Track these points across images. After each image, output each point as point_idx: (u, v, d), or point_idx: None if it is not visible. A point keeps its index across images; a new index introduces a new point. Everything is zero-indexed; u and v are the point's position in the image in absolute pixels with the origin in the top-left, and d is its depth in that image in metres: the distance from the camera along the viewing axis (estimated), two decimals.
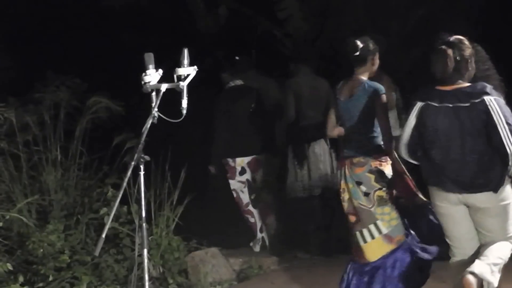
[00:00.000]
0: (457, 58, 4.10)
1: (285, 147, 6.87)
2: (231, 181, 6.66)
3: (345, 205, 4.74)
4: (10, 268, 5.10)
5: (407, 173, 4.70)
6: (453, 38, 4.18)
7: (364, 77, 4.76)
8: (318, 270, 6.10)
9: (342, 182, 4.74)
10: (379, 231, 4.62)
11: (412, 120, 4.20)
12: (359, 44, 4.73)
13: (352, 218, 4.70)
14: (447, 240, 4.36)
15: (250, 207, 6.68)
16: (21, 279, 5.17)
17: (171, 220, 6.05)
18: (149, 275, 3.97)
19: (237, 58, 6.68)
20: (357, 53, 4.71)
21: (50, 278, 5.27)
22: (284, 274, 6.13)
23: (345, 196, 4.74)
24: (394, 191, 4.62)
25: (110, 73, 8.74)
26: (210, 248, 6.27)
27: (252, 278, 6.07)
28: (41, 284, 5.28)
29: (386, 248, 4.62)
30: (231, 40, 9.61)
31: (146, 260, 3.64)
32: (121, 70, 7.85)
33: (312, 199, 6.69)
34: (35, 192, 6.03)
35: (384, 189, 4.61)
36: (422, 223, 4.65)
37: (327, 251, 6.48)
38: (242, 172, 6.61)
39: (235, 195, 6.71)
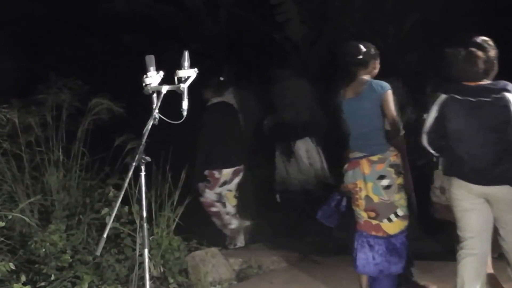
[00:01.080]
0: (485, 59, 4.27)
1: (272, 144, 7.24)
2: (208, 191, 6.71)
3: (362, 202, 4.90)
4: (13, 267, 5.08)
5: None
6: (480, 39, 4.34)
7: (367, 78, 4.90)
8: (317, 270, 6.14)
9: (358, 181, 4.89)
10: (397, 216, 4.89)
11: (434, 111, 4.36)
12: (362, 48, 4.90)
13: (372, 214, 4.89)
14: (458, 232, 4.47)
15: (215, 208, 6.76)
16: (23, 278, 5.17)
17: (171, 220, 6.08)
18: (150, 275, 4.03)
19: (221, 78, 6.82)
20: (360, 57, 4.89)
21: (52, 278, 5.29)
22: (283, 274, 6.16)
23: (362, 194, 4.89)
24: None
25: (112, 75, 8.79)
26: (210, 248, 6.31)
27: (251, 278, 6.10)
28: (43, 284, 5.29)
29: (402, 224, 4.92)
30: (231, 43, 9.67)
31: (147, 260, 3.68)
32: (123, 72, 7.90)
33: (302, 194, 7.01)
34: (37, 192, 6.06)
35: (401, 176, 4.88)
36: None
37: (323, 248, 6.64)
38: (223, 184, 6.73)
39: (203, 199, 6.74)
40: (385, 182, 4.82)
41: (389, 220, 4.87)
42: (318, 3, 8.94)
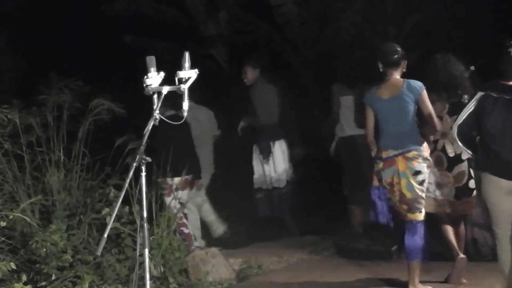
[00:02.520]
0: None
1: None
2: (167, 198, 6.68)
3: (397, 196, 5.13)
4: (14, 267, 5.07)
5: None
6: None
7: (399, 77, 5.12)
8: (317, 270, 6.16)
9: (395, 176, 5.09)
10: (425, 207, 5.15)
11: (471, 106, 4.50)
12: (398, 48, 5.17)
13: (404, 207, 5.13)
14: (492, 225, 4.55)
15: (184, 220, 6.77)
16: (24, 278, 5.16)
17: (172, 221, 6.11)
18: (150, 275, 4.03)
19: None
20: (396, 56, 5.12)
21: (53, 277, 5.29)
22: (282, 274, 6.17)
23: (397, 188, 5.12)
24: None
25: (113, 76, 8.81)
26: (210, 248, 6.33)
27: (251, 278, 6.11)
28: (44, 283, 5.30)
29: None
30: (232, 44, 9.69)
31: (147, 260, 3.69)
32: (123, 72, 7.93)
33: (276, 190, 7.28)
34: (38, 192, 6.07)
35: (430, 169, 5.19)
36: None
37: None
38: (176, 189, 6.73)
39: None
40: (420, 177, 5.07)
41: (420, 211, 5.11)
42: (319, 5, 8.96)
